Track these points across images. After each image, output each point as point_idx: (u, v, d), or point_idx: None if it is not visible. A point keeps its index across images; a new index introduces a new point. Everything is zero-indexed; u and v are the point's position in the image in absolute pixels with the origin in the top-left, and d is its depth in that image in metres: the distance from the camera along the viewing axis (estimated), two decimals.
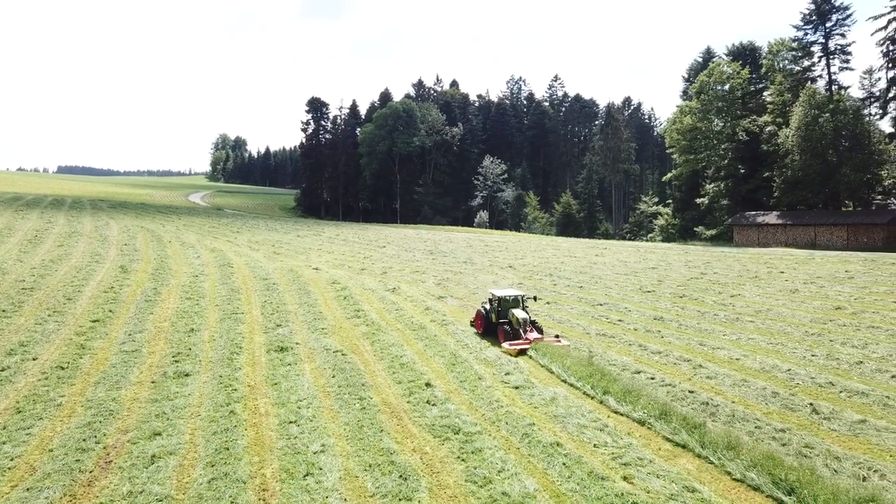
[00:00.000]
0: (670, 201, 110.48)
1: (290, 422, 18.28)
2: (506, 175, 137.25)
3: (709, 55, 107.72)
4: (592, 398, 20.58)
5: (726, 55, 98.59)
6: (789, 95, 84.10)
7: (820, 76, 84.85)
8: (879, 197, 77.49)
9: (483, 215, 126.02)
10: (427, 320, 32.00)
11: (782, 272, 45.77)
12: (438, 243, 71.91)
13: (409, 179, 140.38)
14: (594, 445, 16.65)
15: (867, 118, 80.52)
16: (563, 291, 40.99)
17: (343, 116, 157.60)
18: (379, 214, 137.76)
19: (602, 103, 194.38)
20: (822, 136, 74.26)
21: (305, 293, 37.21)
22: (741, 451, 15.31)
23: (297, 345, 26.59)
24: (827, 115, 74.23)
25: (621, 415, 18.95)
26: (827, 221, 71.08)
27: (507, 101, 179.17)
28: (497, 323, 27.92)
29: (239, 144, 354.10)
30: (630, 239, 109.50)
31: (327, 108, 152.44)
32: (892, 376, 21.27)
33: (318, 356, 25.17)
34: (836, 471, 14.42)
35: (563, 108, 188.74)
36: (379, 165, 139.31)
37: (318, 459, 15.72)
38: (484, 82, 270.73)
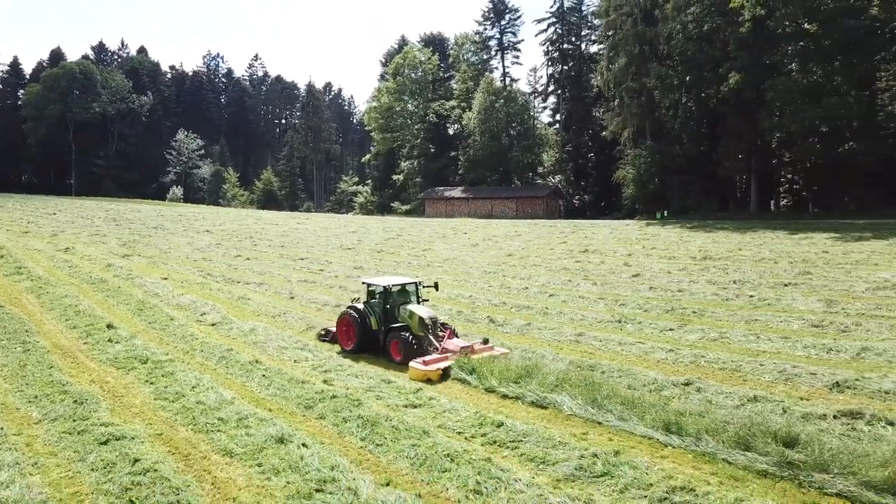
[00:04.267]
0: (369, 181, 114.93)
1: None
2: (202, 151, 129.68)
3: (404, 42, 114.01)
4: (293, 328, 20.54)
5: (419, 42, 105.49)
6: (472, 83, 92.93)
7: (496, 68, 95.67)
8: (540, 178, 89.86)
9: (177, 191, 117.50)
10: (109, 275, 28.94)
11: (466, 233, 50.67)
12: (123, 213, 65.33)
13: (89, 151, 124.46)
14: (294, 361, 16.65)
15: (533, 109, 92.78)
16: (265, 250, 40.24)
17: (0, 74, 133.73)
18: (49, 189, 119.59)
19: (304, 87, 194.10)
20: (498, 120, 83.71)
21: None
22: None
23: None
24: (502, 101, 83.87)
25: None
26: (501, 195, 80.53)
27: (204, 77, 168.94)
28: (382, 330, 17.10)
29: None
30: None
31: None
32: (550, 295, 24.87)
33: None
34: (507, 357, 16.36)
35: (264, 88, 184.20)
36: (49, 133, 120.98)
37: None
38: (177, 53, 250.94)
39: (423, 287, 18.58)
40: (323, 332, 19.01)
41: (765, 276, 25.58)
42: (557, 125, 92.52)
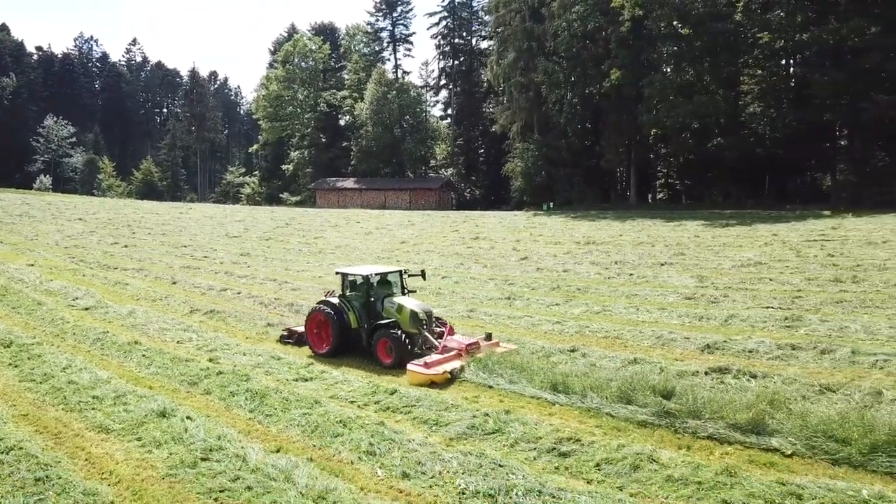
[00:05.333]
0: (257, 171, 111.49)
1: None
2: (74, 139, 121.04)
3: (293, 30, 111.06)
4: (175, 311, 19.65)
5: (310, 31, 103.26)
6: (364, 74, 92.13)
7: (388, 60, 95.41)
8: (433, 171, 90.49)
9: (45, 180, 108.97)
10: None
11: (359, 222, 50.27)
12: None
13: None
14: (178, 342, 15.92)
15: (425, 102, 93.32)
16: (144, 238, 38.22)
17: None
18: None
19: (187, 74, 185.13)
20: (391, 112, 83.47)
21: None
22: None
23: None
24: (394, 93, 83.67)
25: (206, 318, 18.55)
26: (394, 187, 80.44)
27: (76, 60, 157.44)
28: (366, 328, 14.53)
29: None
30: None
31: None
32: (442, 277, 25.13)
33: None
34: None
35: (144, 75, 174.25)
36: None
37: None
38: (45, 34, 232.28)
39: (408, 276, 15.80)
40: (285, 334, 16.12)
41: (643, 258, 27.02)
42: (449, 119, 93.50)
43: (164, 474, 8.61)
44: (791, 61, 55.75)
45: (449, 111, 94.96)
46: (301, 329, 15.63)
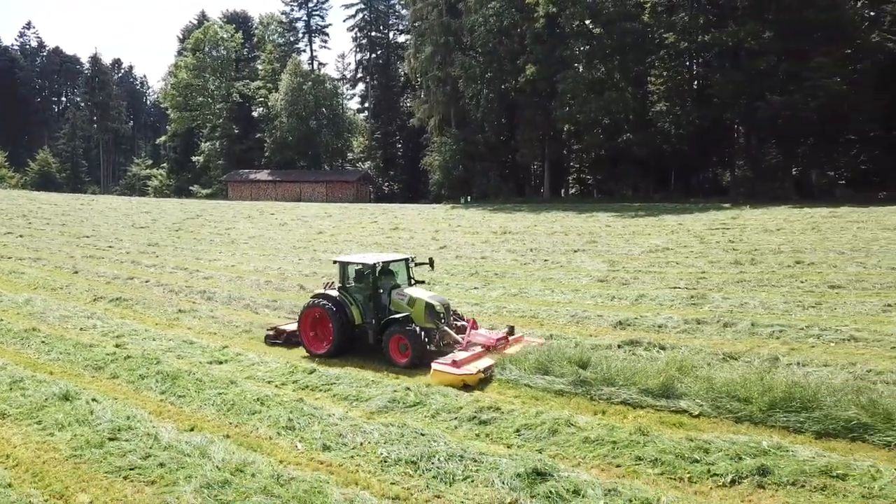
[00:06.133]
0: (165, 163, 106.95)
1: None
2: None
3: (204, 17, 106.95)
4: (78, 299, 18.67)
5: (221, 19, 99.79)
6: (279, 65, 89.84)
7: (304, 51, 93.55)
8: (350, 164, 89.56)
9: None
10: None
11: (273, 214, 49.17)
12: None
13: None
14: (81, 329, 15.19)
15: (342, 95, 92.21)
16: (42, 228, 36.15)
17: None
18: None
19: (88, 60, 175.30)
20: (306, 103, 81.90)
21: None
22: (236, 311, 15.91)
23: None
24: (309, 84, 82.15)
25: (111, 306, 17.72)
26: (310, 179, 79.03)
27: None
28: (373, 324, 12.79)
29: None
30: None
31: None
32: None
33: None
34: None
35: (40, 61, 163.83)
36: None
37: None
38: None
39: (415, 265, 14.03)
40: (271, 333, 14.08)
41: (557, 245, 27.72)
42: (366, 112, 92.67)
43: (67, 455, 8.18)
44: (694, 62, 58.45)
45: (366, 104, 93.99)
46: (291, 327, 13.89)
